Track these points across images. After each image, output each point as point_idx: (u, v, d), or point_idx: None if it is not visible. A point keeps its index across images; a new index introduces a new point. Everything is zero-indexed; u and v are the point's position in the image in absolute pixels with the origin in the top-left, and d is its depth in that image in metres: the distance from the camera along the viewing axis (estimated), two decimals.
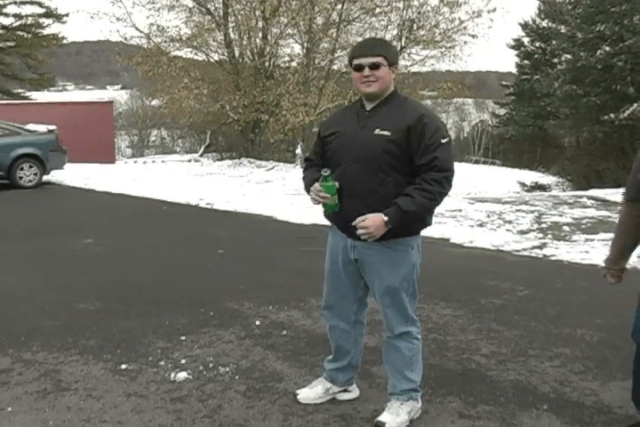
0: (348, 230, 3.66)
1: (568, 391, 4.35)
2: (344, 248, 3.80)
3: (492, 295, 6.74)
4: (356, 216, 3.54)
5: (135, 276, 7.45)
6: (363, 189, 3.60)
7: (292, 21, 25.25)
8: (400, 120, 3.57)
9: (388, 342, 3.89)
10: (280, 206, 13.37)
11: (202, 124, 30.07)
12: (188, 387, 4.36)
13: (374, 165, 3.57)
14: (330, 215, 3.82)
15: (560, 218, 11.81)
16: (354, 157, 3.61)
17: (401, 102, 3.70)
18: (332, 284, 3.94)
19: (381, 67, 3.59)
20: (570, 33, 31.69)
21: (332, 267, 3.92)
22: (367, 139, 3.59)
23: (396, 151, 3.55)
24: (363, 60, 3.59)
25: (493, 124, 53.30)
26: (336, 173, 3.64)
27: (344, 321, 3.98)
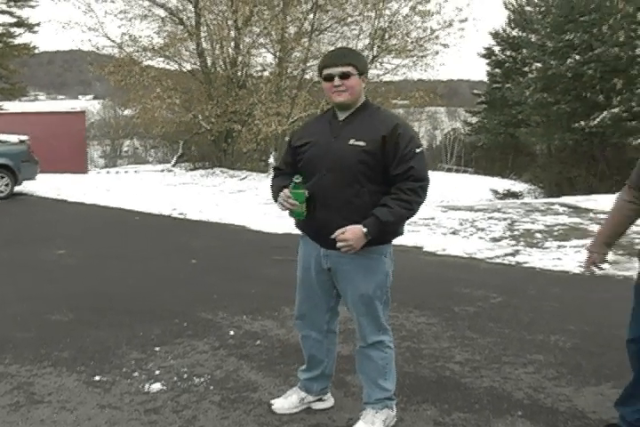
0: (322, 240, 3.68)
1: (542, 397, 4.37)
2: (317, 257, 3.79)
3: (466, 303, 6.76)
4: (331, 226, 3.54)
5: (108, 286, 7.40)
6: (338, 199, 3.59)
7: (264, 31, 25.26)
8: (375, 130, 3.58)
9: (360, 351, 3.88)
10: (253, 216, 13.35)
11: (174, 133, 29.95)
12: (163, 398, 4.33)
13: (349, 176, 3.57)
14: (302, 225, 3.82)
15: (532, 225, 11.87)
16: (328, 168, 3.60)
17: (374, 112, 3.70)
18: (305, 293, 3.94)
19: (352, 76, 3.59)
20: (540, 42, 32.00)
21: (304, 276, 3.90)
22: (342, 149, 3.58)
23: (370, 162, 3.55)
24: (333, 69, 3.59)
25: (465, 132, 53.60)
26: (310, 184, 3.62)
27: (316, 330, 3.98)
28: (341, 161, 3.57)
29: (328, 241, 3.59)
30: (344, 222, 3.53)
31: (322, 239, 3.68)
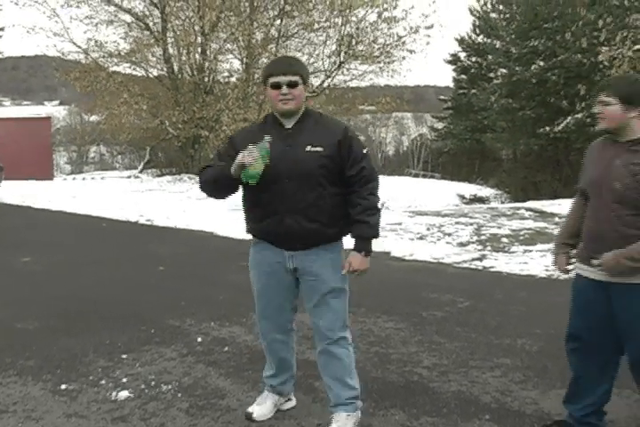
0: (289, 243, 3.76)
1: (509, 401, 4.39)
2: (282, 260, 3.83)
3: (434, 308, 6.79)
4: (299, 230, 3.67)
5: (75, 294, 7.34)
6: (303, 204, 3.67)
7: (231, 37, 25.28)
8: (328, 136, 3.70)
9: (325, 350, 3.92)
10: (221, 222, 13.32)
11: (141, 140, 29.90)
12: (130, 406, 4.29)
13: (312, 181, 3.67)
14: (264, 231, 3.82)
15: (499, 230, 11.96)
16: (289, 175, 3.65)
17: (319, 118, 3.83)
18: (267, 297, 3.96)
19: (299, 85, 3.67)
20: (505, 48, 32.32)
21: (267, 281, 3.91)
22: (299, 156, 3.65)
23: (330, 165, 3.67)
24: (281, 78, 3.63)
25: (432, 137, 53.88)
26: (272, 192, 3.67)
27: (280, 332, 4.03)
28: (301, 168, 3.64)
29: (295, 243, 3.73)
30: (310, 225, 3.68)
31: (289, 243, 3.76)
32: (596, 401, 3.77)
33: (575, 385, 3.87)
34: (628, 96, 3.35)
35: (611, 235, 3.44)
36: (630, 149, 3.40)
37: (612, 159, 3.45)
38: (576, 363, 3.83)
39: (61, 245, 10.85)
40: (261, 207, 3.76)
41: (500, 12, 39.62)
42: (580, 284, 3.69)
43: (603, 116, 3.45)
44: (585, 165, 3.70)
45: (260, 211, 3.78)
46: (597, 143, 3.68)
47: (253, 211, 3.84)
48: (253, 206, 3.83)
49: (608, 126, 3.46)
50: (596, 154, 3.62)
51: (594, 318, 3.62)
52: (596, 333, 3.64)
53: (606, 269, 3.42)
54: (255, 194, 3.74)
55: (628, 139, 3.42)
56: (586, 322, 3.68)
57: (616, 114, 3.39)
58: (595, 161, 3.60)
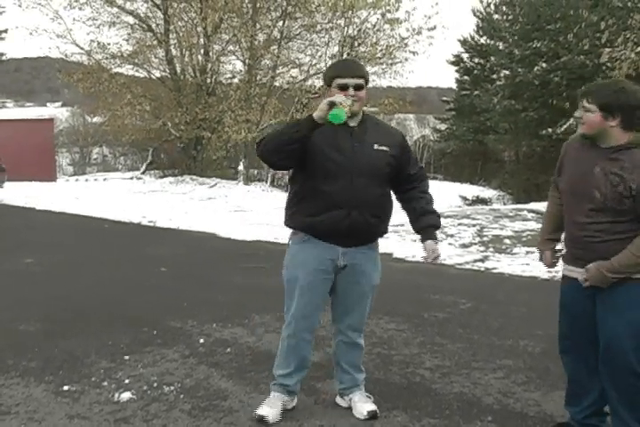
0: (349, 239, 3.88)
1: (512, 402, 4.39)
2: (333, 257, 3.92)
3: (436, 309, 6.79)
4: (363, 225, 3.84)
5: (77, 295, 7.34)
6: (369, 200, 3.84)
7: (233, 38, 25.30)
8: (391, 137, 3.98)
9: (352, 341, 4.14)
10: (222, 223, 13.34)
11: (144, 141, 29.89)
12: (132, 407, 4.28)
13: (379, 178, 3.88)
14: (324, 224, 3.84)
15: (501, 231, 11.96)
16: (360, 171, 3.80)
17: (377, 121, 4.10)
18: (309, 296, 3.97)
19: (364, 88, 3.83)
20: (508, 50, 32.30)
21: (313, 278, 3.94)
22: (370, 154, 3.84)
23: (394, 164, 3.92)
24: (349, 80, 3.77)
25: (434, 139, 53.80)
26: (339, 186, 3.78)
27: (310, 331, 4.09)
28: (373, 164, 3.85)
29: (353, 239, 3.89)
30: (373, 220, 3.88)
31: (348, 238, 3.88)
32: (595, 402, 3.77)
33: (571, 387, 3.89)
34: (608, 105, 3.34)
35: (590, 240, 3.48)
36: (610, 158, 3.40)
37: (591, 165, 3.45)
38: (568, 364, 3.86)
39: (63, 246, 10.86)
40: (323, 200, 3.81)
41: (502, 13, 39.58)
42: (567, 285, 3.75)
43: (582, 122, 3.46)
44: (563, 163, 3.72)
45: (321, 204, 3.81)
46: (576, 142, 3.66)
47: (311, 204, 3.85)
48: (312, 199, 3.85)
49: (587, 132, 3.47)
50: (574, 154, 3.63)
51: (580, 318, 3.66)
52: (584, 333, 3.67)
53: (592, 282, 3.46)
54: (320, 186, 3.80)
55: (608, 145, 3.42)
56: (573, 322, 3.73)
57: (595, 121, 3.39)
58: (573, 163, 3.61)
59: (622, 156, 3.38)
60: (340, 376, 4.24)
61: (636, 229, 3.38)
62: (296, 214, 3.95)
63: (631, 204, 3.33)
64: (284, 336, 4.10)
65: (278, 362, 4.16)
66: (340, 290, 4.02)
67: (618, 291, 3.45)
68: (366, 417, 4.04)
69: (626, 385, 3.51)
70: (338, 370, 4.25)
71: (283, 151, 3.68)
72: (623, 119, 3.35)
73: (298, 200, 3.94)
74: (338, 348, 4.20)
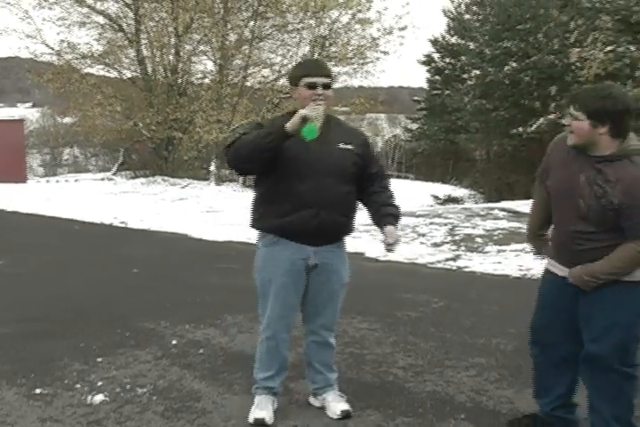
0: (319, 238, 3.91)
1: (484, 400, 4.42)
2: (304, 257, 3.93)
3: (408, 308, 6.81)
4: (332, 224, 3.88)
5: (48, 297, 7.28)
6: (337, 200, 3.88)
7: (204, 38, 25.24)
8: (355, 136, 4.07)
9: (325, 341, 4.17)
10: (194, 224, 13.32)
11: (115, 141, 29.74)
12: (105, 409, 4.26)
13: (346, 177, 3.91)
14: (293, 225, 3.85)
15: (473, 230, 12.01)
16: (327, 171, 3.83)
17: (338, 120, 4.16)
18: (284, 297, 3.98)
19: (331, 87, 3.87)
20: (478, 49, 32.44)
21: (287, 279, 3.95)
22: (335, 152, 3.88)
23: (359, 163, 3.96)
24: (318, 79, 3.80)
25: (406, 138, 53.84)
26: (307, 186, 3.79)
27: (288, 331, 4.11)
28: (339, 164, 3.88)
29: (323, 238, 3.92)
30: (341, 219, 3.93)
31: (317, 237, 3.91)
32: (561, 394, 3.84)
33: (538, 379, 3.96)
34: (596, 113, 3.27)
35: (573, 247, 3.51)
36: (596, 167, 3.37)
37: (577, 173, 3.43)
38: (536, 356, 3.93)
39: (34, 247, 10.77)
40: (292, 201, 3.81)
41: (473, 13, 39.79)
42: (548, 279, 3.78)
43: (571, 130, 3.40)
44: (549, 164, 3.68)
45: (290, 205, 3.82)
46: (562, 142, 3.59)
47: (280, 205, 3.85)
48: (281, 201, 3.84)
49: (576, 142, 3.39)
50: (560, 157, 3.58)
51: (557, 313, 3.71)
52: (556, 327, 3.73)
53: (574, 282, 3.51)
54: (288, 187, 3.81)
55: (595, 154, 3.39)
56: (548, 316, 3.77)
57: (584, 129, 3.32)
58: (559, 167, 3.57)
59: (607, 168, 3.34)
60: (312, 376, 4.26)
61: (619, 237, 3.38)
62: (264, 216, 3.95)
63: (613, 216, 3.34)
64: (264, 339, 4.09)
65: (259, 365, 4.16)
66: (311, 290, 4.03)
67: (606, 293, 3.47)
68: (340, 417, 4.06)
69: (608, 384, 3.56)
70: (310, 370, 4.27)
71: (254, 160, 3.71)
72: (612, 126, 3.29)
73: (265, 202, 3.95)
74: (309, 348, 4.21)
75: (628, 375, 3.53)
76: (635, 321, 3.50)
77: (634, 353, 3.54)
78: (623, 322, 3.47)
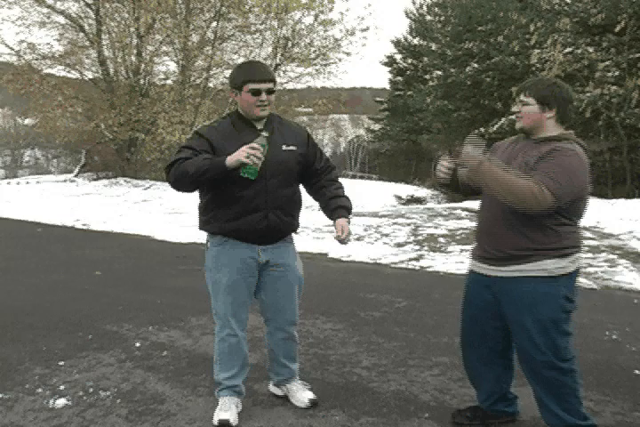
0: (267, 237, 4.00)
1: (448, 399, 4.45)
2: (254, 255, 4.01)
3: (372, 308, 6.84)
4: (279, 224, 3.97)
5: (9, 300, 7.21)
6: (284, 199, 3.98)
7: (167, 39, 25.11)
8: (297, 135, 4.08)
9: (290, 335, 4.27)
10: (158, 226, 13.25)
11: (77, 143, 29.47)
12: (68, 414, 4.23)
13: (290, 178, 4.00)
14: (242, 227, 3.92)
15: (435, 230, 12.08)
16: (272, 173, 3.88)
17: (280, 119, 4.11)
18: (236, 294, 4.03)
19: (274, 91, 3.89)
20: (440, 50, 32.65)
21: (238, 277, 4.00)
22: (279, 155, 3.91)
23: (303, 162, 4.06)
24: (262, 85, 3.80)
25: (369, 139, 54.09)
26: (255, 189, 3.84)
27: (243, 329, 4.14)
28: (282, 165, 3.93)
29: (271, 237, 4.01)
30: (287, 218, 4.01)
31: (266, 237, 4.00)
32: (496, 389, 3.97)
33: (469, 375, 4.10)
34: (545, 98, 3.55)
35: (503, 229, 3.61)
36: (534, 146, 3.58)
37: (517, 154, 3.64)
38: (464, 352, 4.06)
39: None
40: (240, 205, 3.87)
41: (435, 14, 40.08)
42: (470, 278, 3.92)
43: (521, 115, 3.63)
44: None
45: (238, 209, 3.88)
46: (506, 141, 3.89)
47: (228, 209, 3.90)
48: (229, 205, 3.89)
49: (524, 125, 3.62)
50: (502, 150, 3.81)
51: (481, 312, 3.84)
52: (479, 325, 3.87)
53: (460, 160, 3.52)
54: (235, 192, 3.85)
55: (539, 137, 3.60)
56: (471, 314, 3.93)
57: (534, 114, 3.57)
58: (498, 154, 3.78)
59: (545, 145, 3.53)
60: (277, 370, 4.37)
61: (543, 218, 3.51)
62: (213, 220, 3.99)
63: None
64: (223, 338, 4.10)
65: (220, 366, 4.18)
66: (268, 287, 4.12)
67: (520, 290, 3.59)
68: (308, 405, 4.24)
69: (548, 380, 3.64)
70: (275, 365, 4.37)
71: (193, 187, 3.82)
72: (558, 111, 3.57)
73: (214, 207, 3.97)
74: (276, 345, 4.28)
75: (566, 370, 3.63)
76: (559, 316, 3.60)
77: (565, 348, 3.64)
78: (547, 318, 3.58)
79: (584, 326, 6.31)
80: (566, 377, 3.63)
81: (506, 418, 4.00)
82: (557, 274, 3.55)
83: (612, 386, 4.70)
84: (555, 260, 3.54)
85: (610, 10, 20.90)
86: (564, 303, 3.59)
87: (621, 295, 7.79)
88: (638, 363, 5.21)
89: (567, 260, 3.57)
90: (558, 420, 3.66)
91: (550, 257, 3.53)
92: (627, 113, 20.54)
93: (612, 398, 4.47)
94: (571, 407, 3.65)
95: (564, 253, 3.55)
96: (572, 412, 3.65)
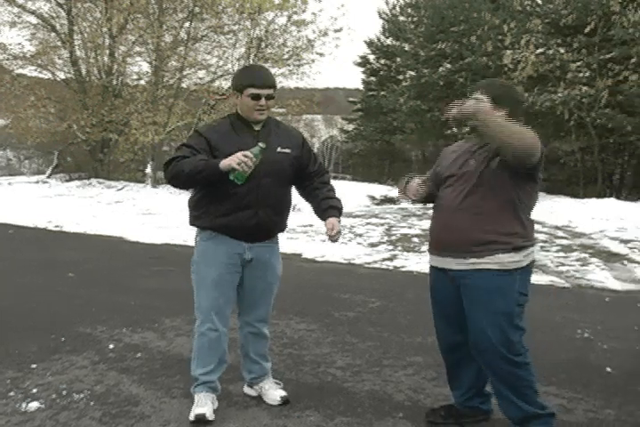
0: (255, 235, 4.13)
1: (422, 398, 4.47)
2: (240, 252, 4.13)
3: (346, 308, 6.86)
4: (268, 222, 4.12)
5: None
6: (274, 199, 4.12)
7: (139, 39, 25.00)
8: (292, 139, 4.25)
9: (260, 332, 4.39)
10: (131, 227, 13.20)
11: (49, 144, 29.24)
12: (41, 417, 4.18)
13: (283, 179, 4.15)
14: (232, 224, 4.06)
15: (409, 230, 12.13)
16: (267, 173, 4.00)
17: (277, 122, 4.31)
18: (221, 289, 4.15)
19: (274, 97, 4.08)
20: (413, 51, 32.72)
21: (224, 272, 4.12)
22: (274, 157, 4.04)
23: (296, 165, 4.20)
24: (262, 91, 4.00)
25: (342, 139, 54.03)
26: (248, 187, 3.94)
27: (225, 325, 4.22)
28: (276, 166, 4.07)
29: (259, 235, 4.15)
30: (276, 218, 4.17)
31: (254, 235, 4.13)
32: (472, 385, 4.03)
33: (447, 371, 4.16)
34: (497, 96, 3.68)
35: (461, 223, 3.71)
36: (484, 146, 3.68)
37: (467, 152, 3.79)
38: (441, 350, 4.13)
39: None
40: (232, 202, 4.01)
41: (408, 15, 40.06)
42: (432, 273, 4.04)
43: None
44: (440, 162, 4.03)
45: (230, 205, 4.02)
46: (455, 144, 4.06)
47: (220, 205, 4.05)
48: (221, 201, 4.04)
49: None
50: (451, 150, 4.00)
51: (443, 305, 3.96)
52: (448, 321, 3.96)
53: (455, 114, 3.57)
54: (228, 189, 3.95)
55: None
56: (439, 311, 4.03)
57: (486, 110, 3.63)
58: (449, 156, 3.94)
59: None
60: (249, 367, 4.46)
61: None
62: (205, 215, 4.12)
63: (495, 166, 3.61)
64: (203, 332, 4.17)
65: (197, 362, 4.24)
66: (247, 283, 4.24)
67: (478, 283, 3.67)
68: (279, 402, 4.31)
69: (503, 372, 3.71)
70: (247, 361, 4.47)
71: (189, 186, 4.13)
72: (509, 111, 3.67)
73: (206, 202, 4.10)
74: (246, 339, 4.41)
75: (519, 363, 3.69)
76: (512, 310, 3.67)
77: (518, 342, 3.70)
78: (501, 311, 3.64)
79: (556, 325, 6.37)
80: (520, 370, 3.70)
81: (480, 416, 4.04)
82: (512, 268, 3.64)
83: (584, 384, 4.75)
84: (510, 254, 3.63)
85: (580, 11, 21.07)
86: (517, 297, 3.67)
87: (593, 294, 7.87)
88: (610, 361, 5.27)
89: (521, 254, 3.66)
90: (517, 410, 3.73)
91: (505, 251, 3.62)
92: (597, 113, 20.72)
93: (584, 396, 4.52)
94: (528, 398, 3.72)
95: (518, 247, 3.65)
96: (529, 402, 3.72)
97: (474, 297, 3.69)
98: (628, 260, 10.01)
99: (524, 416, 3.72)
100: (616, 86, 20.40)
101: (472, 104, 3.58)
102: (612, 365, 5.17)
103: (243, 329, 4.40)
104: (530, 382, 3.73)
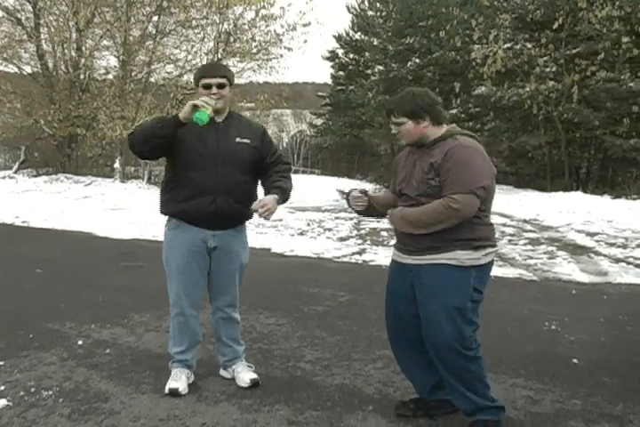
0: (216, 222, 4.34)
1: (392, 391, 4.51)
2: (204, 239, 4.38)
3: (315, 302, 6.88)
4: (228, 210, 4.30)
5: None
6: (233, 187, 4.30)
7: (107, 33, 24.79)
8: (253, 131, 4.50)
9: (229, 316, 4.61)
10: (99, 222, 13.13)
11: (16, 139, 28.93)
12: (9, 414, 4.14)
13: (242, 167, 4.36)
14: (192, 210, 4.30)
15: (378, 224, 12.18)
16: (224, 161, 4.28)
17: (241, 117, 4.62)
18: (188, 274, 4.42)
19: (226, 86, 4.35)
20: (382, 45, 32.81)
21: (190, 258, 4.39)
22: (232, 145, 4.33)
23: (256, 154, 4.43)
24: (212, 80, 4.29)
25: (311, 134, 54.03)
26: (206, 174, 4.25)
27: (195, 308, 4.54)
28: (235, 155, 4.32)
29: (220, 223, 4.35)
30: (237, 205, 4.33)
31: (215, 222, 4.34)
32: (427, 377, 4.08)
33: (401, 366, 4.24)
34: (413, 112, 3.76)
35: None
36: (426, 152, 3.79)
37: (415, 162, 3.86)
38: (391, 344, 4.21)
39: None
40: (191, 188, 4.29)
41: (376, 9, 40.16)
42: (392, 269, 4.11)
43: (402, 134, 3.86)
44: (396, 172, 4.11)
45: (189, 191, 4.30)
46: (405, 151, 4.11)
47: (181, 191, 4.33)
48: (182, 186, 4.32)
49: (409, 141, 3.89)
50: (402, 162, 4.06)
51: (399, 299, 4.00)
52: (400, 313, 4.01)
53: (391, 221, 3.93)
54: (187, 175, 4.28)
55: (427, 143, 3.82)
56: (391, 303, 4.08)
57: (412, 129, 3.80)
58: (402, 168, 4.02)
59: (436, 147, 3.75)
60: (222, 350, 4.70)
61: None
62: (169, 201, 4.43)
63: (437, 183, 3.69)
64: (174, 315, 4.53)
65: (173, 341, 4.58)
66: (214, 270, 4.49)
67: (431, 276, 3.75)
68: (249, 384, 4.49)
69: (455, 366, 3.78)
70: (220, 345, 4.71)
71: (148, 144, 4.20)
72: (431, 117, 3.78)
73: (170, 187, 4.42)
74: (217, 324, 4.65)
75: (470, 357, 3.77)
76: (465, 305, 3.74)
77: (470, 336, 3.78)
78: (454, 306, 3.71)
79: (524, 317, 6.43)
80: (471, 364, 3.77)
81: (449, 409, 4.06)
82: (468, 264, 3.71)
83: (552, 375, 4.81)
84: (468, 251, 3.70)
85: (547, 6, 21.24)
86: (471, 293, 3.73)
87: (560, 286, 7.96)
88: (577, 352, 5.34)
89: (480, 253, 3.73)
90: (468, 402, 3.80)
91: (464, 248, 3.69)
92: (564, 108, 20.91)
93: (552, 387, 4.58)
94: (478, 391, 3.79)
95: (477, 246, 3.72)
96: (480, 394, 3.80)
97: (428, 291, 3.75)
98: (595, 253, 10.13)
99: (475, 408, 3.79)
100: (582, 82, 20.60)
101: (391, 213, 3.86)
102: (578, 356, 5.24)
103: (214, 314, 4.63)
104: (480, 376, 3.81)
